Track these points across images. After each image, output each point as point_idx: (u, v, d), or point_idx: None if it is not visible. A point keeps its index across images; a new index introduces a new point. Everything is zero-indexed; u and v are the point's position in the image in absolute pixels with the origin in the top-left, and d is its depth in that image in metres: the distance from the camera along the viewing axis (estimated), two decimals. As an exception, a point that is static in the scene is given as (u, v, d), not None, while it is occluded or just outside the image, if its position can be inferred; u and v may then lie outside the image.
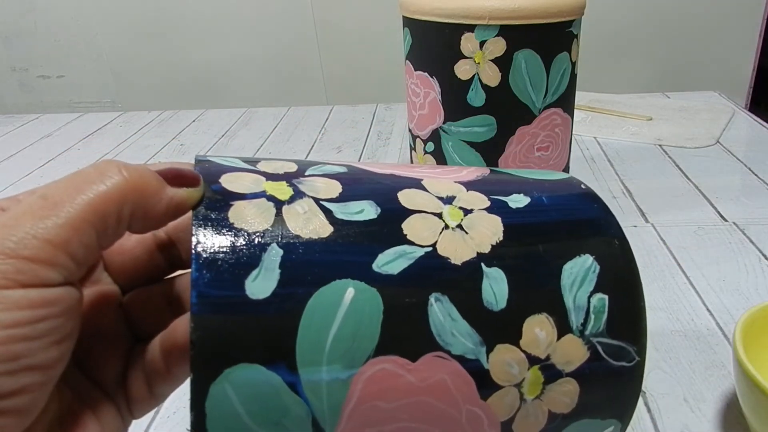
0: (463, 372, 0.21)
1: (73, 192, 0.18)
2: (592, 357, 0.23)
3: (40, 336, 0.17)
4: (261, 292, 0.20)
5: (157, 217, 0.20)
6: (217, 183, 0.22)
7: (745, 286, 0.48)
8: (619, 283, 0.24)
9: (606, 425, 0.24)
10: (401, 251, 0.22)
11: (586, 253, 0.24)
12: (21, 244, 0.17)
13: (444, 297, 0.21)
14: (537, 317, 0.22)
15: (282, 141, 0.85)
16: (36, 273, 0.17)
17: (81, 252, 0.18)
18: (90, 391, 0.22)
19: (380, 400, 0.21)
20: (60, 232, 0.18)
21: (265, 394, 0.19)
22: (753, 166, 0.69)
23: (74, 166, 0.80)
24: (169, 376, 0.22)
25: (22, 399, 0.17)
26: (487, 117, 0.52)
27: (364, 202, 0.23)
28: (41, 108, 1.45)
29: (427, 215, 0.23)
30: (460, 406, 0.22)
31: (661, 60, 1.30)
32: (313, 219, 0.22)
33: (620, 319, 0.24)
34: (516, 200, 0.25)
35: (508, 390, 0.22)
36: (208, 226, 0.20)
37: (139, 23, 1.35)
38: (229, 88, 1.39)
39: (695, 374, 0.39)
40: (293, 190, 0.22)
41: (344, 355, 0.20)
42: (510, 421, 0.22)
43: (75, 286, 0.19)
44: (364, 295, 0.21)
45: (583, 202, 0.26)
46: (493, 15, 0.49)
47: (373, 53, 1.32)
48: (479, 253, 0.23)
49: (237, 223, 0.20)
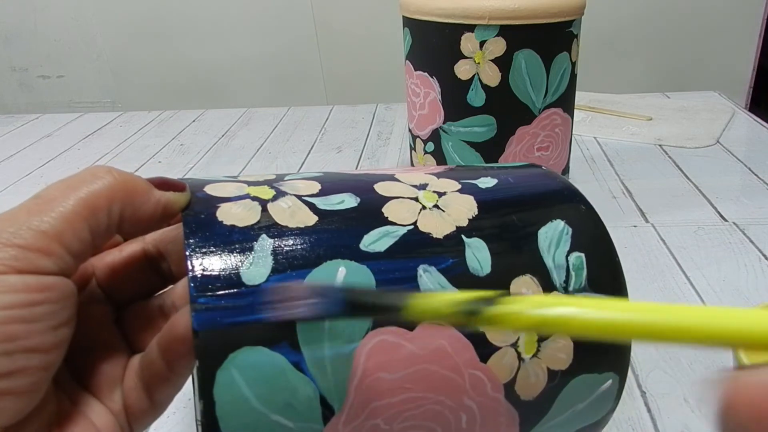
0: (460, 336, 0.22)
1: (66, 190, 0.20)
2: None
3: (36, 319, 0.18)
4: (256, 278, 0.21)
5: (146, 216, 0.21)
6: (201, 191, 0.23)
7: (745, 286, 0.48)
8: (592, 242, 0.26)
9: (604, 379, 0.25)
10: (385, 231, 0.23)
11: (557, 218, 0.26)
12: (17, 234, 0.18)
13: (431, 268, 0.23)
14: (522, 278, 0.24)
15: (282, 141, 0.85)
16: (32, 260, 0.18)
17: (75, 244, 0.19)
18: (87, 402, 0.22)
19: (384, 371, 0.21)
20: (54, 224, 0.19)
21: (271, 375, 0.20)
22: (753, 166, 0.69)
23: (74, 166, 0.80)
24: (171, 375, 0.22)
25: (20, 380, 0.18)
26: (487, 117, 0.52)
27: (343, 195, 0.24)
28: (41, 108, 1.45)
29: (404, 200, 0.25)
30: (462, 370, 0.22)
31: (661, 60, 1.30)
32: (297, 212, 0.23)
33: (600, 274, 0.25)
34: (485, 182, 0.27)
35: (505, 350, 0.23)
36: (198, 224, 0.21)
37: (139, 23, 1.35)
38: (229, 88, 1.39)
39: (695, 374, 0.39)
40: (275, 191, 0.24)
41: (344, 329, 0.21)
42: (512, 383, 0.23)
43: (70, 278, 0.19)
44: (356, 271, 0.22)
45: (546, 178, 0.29)
46: (493, 15, 0.49)
47: (373, 53, 1.32)
48: (458, 226, 0.24)
49: (226, 220, 0.22)
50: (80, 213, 0.19)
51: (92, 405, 0.22)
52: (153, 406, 0.23)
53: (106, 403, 0.22)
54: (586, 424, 0.26)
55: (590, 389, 0.25)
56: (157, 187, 0.22)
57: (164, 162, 0.80)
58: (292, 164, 0.76)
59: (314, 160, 0.77)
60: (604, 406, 0.26)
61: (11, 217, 0.19)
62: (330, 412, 0.21)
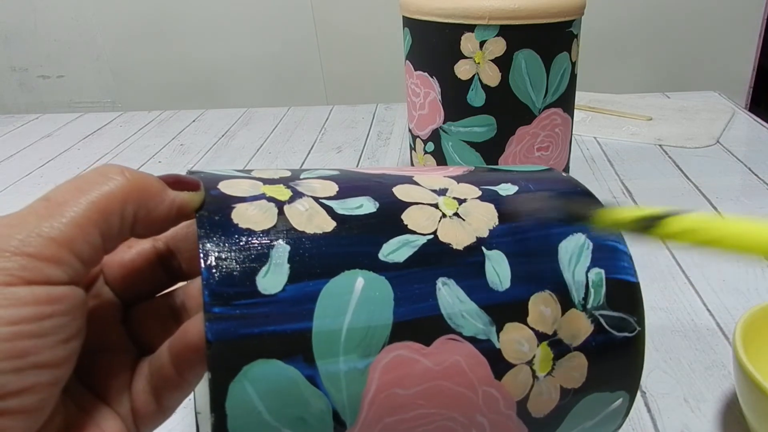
0: (476, 353, 0.22)
1: (77, 193, 0.19)
2: (597, 330, 0.24)
3: (46, 334, 0.17)
4: (273, 287, 0.20)
5: (160, 218, 0.20)
6: (215, 189, 0.22)
7: (745, 286, 0.48)
8: (612, 259, 0.25)
9: (615, 398, 0.25)
10: (404, 240, 0.22)
11: (578, 232, 0.25)
12: (25, 242, 0.17)
13: (450, 281, 0.22)
14: (541, 295, 0.23)
15: (282, 141, 0.85)
16: (41, 270, 0.17)
17: (86, 251, 0.18)
18: (95, 406, 0.21)
19: (398, 387, 0.21)
20: (64, 231, 0.18)
21: (284, 389, 0.19)
22: (753, 166, 0.69)
23: (74, 166, 0.80)
24: (181, 382, 0.22)
25: (30, 398, 0.17)
26: (487, 117, 0.52)
27: (361, 198, 0.23)
28: (41, 108, 1.45)
29: (423, 206, 0.24)
30: (476, 387, 0.22)
31: (661, 60, 1.30)
32: (315, 216, 0.22)
33: (618, 291, 0.25)
34: (505, 189, 0.27)
35: (520, 368, 0.23)
36: (213, 227, 0.20)
37: (139, 23, 1.35)
38: (229, 88, 1.39)
39: (695, 374, 0.39)
40: (292, 191, 0.23)
41: (360, 343, 0.20)
42: (525, 400, 0.23)
43: (80, 286, 0.19)
44: (374, 283, 0.21)
45: (567, 186, 0.28)
46: (493, 15, 0.49)
47: (373, 53, 1.32)
48: (478, 237, 0.23)
49: (241, 224, 0.21)
50: (91, 218, 0.18)
51: (100, 409, 0.21)
52: (161, 410, 0.22)
53: (113, 407, 0.22)
54: None
55: (601, 407, 0.25)
56: (170, 186, 0.21)
57: (164, 162, 0.80)
58: (292, 164, 0.76)
59: (314, 160, 0.77)
60: (612, 423, 0.26)
61: (20, 222, 0.18)
62: (342, 427, 0.20)
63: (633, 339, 0.24)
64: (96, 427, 0.21)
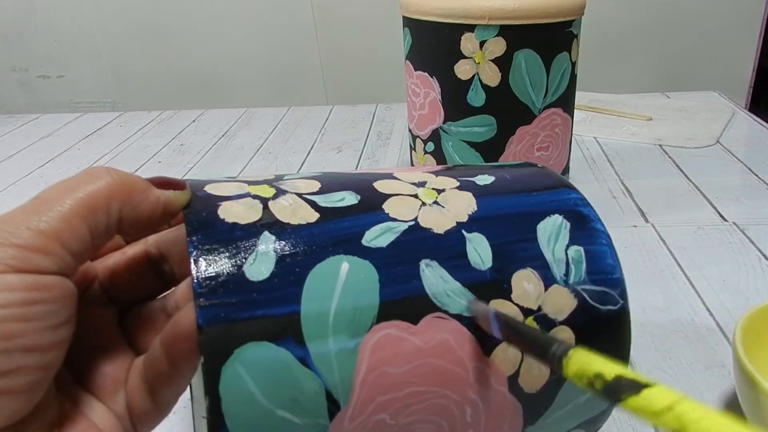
0: (463, 329, 0.22)
1: (65, 191, 0.20)
2: (580, 304, 0.24)
3: (34, 318, 0.18)
4: (260, 274, 0.21)
5: (145, 215, 0.21)
6: (202, 191, 0.23)
7: (745, 286, 0.48)
8: (589, 236, 0.26)
9: None
10: (386, 227, 0.23)
11: (555, 214, 0.26)
12: (15, 234, 0.18)
13: (433, 262, 0.23)
14: (523, 272, 0.24)
15: (282, 141, 0.85)
16: (30, 260, 0.18)
17: (74, 244, 0.19)
18: (90, 404, 0.22)
19: (389, 365, 0.21)
20: (52, 224, 0.19)
21: (276, 370, 0.20)
22: (753, 166, 0.69)
23: (74, 166, 0.79)
24: (174, 374, 0.22)
25: (17, 380, 0.18)
26: (487, 117, 0.52)
27: (343, 192, 0.25)
28: (41, 108, 1.45)
29: (404, 197, 0.25)
30: (465, 363, 0.23)
31: (661, 60, 1.30)
32: (299, 209, 0.23)
33: (598, 267, 0.25)
34: (482, 179, 0.28)
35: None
36: (200, 222, 0.21)
37: (139, 23, 1.35)
38: (229, 88, 1.39)
39: (695, 374, 0.39)
40: (276, 190, 0.24)
41: (348, 324, 0.21)
42: (516, 375, 0.23)
43: (70, 279, 0.19)
44: (359, 267, 0.22)
45: (543, 175, 0.29)
46: (493, 15, 0.49)
47: (373, 53, 1.32)
48: (458, 222, 0.24)
49: (227, 218, 0.22)
50: (79, 213, 0.19)
51: (95, 407, 0.22)
52: (156, 407, 0.23)
53: (109, 405, 0.22)
54: (587, 417, 0.26)
55: None
56: (156, 186, 0.22)
57: (164, 162, 0.80)
58: (292, 164, 0.76)
59: (314, 160, 0.77)
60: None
61: (10, 218, 0.19)
62: (336, 407, 0.21)
63: (617, 312, 0.25)
64: (90, 423, 0.21)
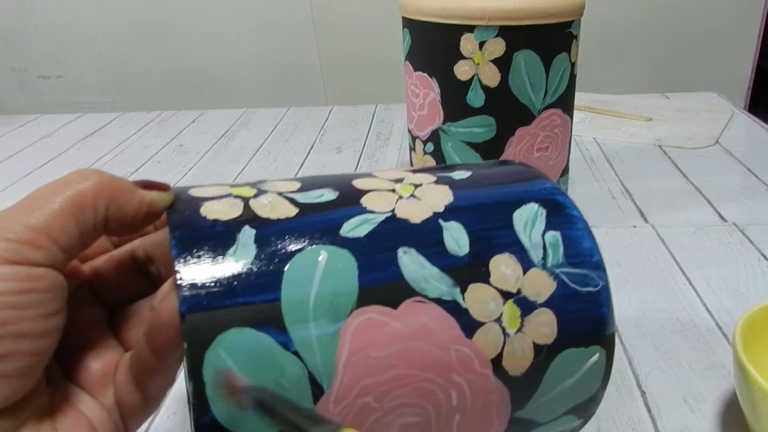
0: (444, 313, 0.23)
1: (55, 190, 0.21)
2: (560, 286, 0.25)
3: (25, 306, 0.19)
4: (240, 264, 0.21)
5: (130, 214, 0.22)
6: (186, 193, 0.24)
7: (744, 286, 0.48)
8: (566, 222, 0.26)
9: (590, 353, 0.25)
10: (364, 218, 0.24)
11: (531, 201, 0.27)
12: (6, 228, 0.20)
13: (411, 249, 0.23)
14: (500, 257, 0.24)
15: (282, 141, 0.85)
16: (21, 252, 0.19)
17: (63, 238, 0.20)
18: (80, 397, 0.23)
19: (370, 349, 0.22)
20: (42, 219, 0.20)
21: (259, 355, 0.21)
22: (752, 166, 0.69)
23: (74, 167, 0.79)
24: (159, 365, 0.23)
25: (10, 364, 0.19)
26: (487, 117, 0.52)
27: (322, 189, 0.25)
28: (41, 108, 1.45)
29: (381, 192, 0.26)
30: (448, 346, 0.23)
31: (661, 61, 1.30)
32: (278, 205, 0.24)
33: (576, 250, 0.26)
34: (459, 174, 0.28)
35: (489, 326, 0.24)
36: (182, 218, 0.22)
37: (139, 23, 1.35)
38: (229, 89, 1.39)
39: (695, 374, 0.39)
40: (257, 190, 0.25)
41: (328, 309, 0.22)
42: (499, 358, 0.24)
43: (60, 272, 0.21)
44: (337, 255, 0.22)
45: (519, 168, 0.30)
46: (492, 16, 0.49)
47: (373, 53, 1.32)
48: (435, 212, 0.25)
49: (209, 215, 0.23)
50: (67, 209, 0.20)
51: (84, 400, 0.23)
52: (145, 400, 0.23)
53: (98, 399, 0.23)
54: (578, 401, 0.26)
55: (577, 364, 0.25)
56: (141, 188, 0.23)
57: (164, 162, 0.80)
58: (292, 164, 0.76)
59: (314, 161, 0.77)
60: (594, 382, 0.26)
61: (2, 216, 0.20)
62: (319, 390, 0.21)
63: (598, 293, 0.25)
64: (79, 413, 0.22)
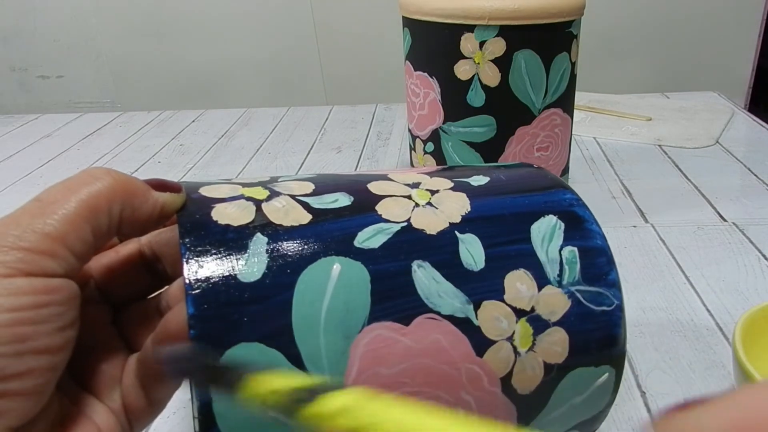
0: (456, 330, 0.22)
1: (67, 193, 0.20)
2: (574, 304, 0.24)
3: (44, 321, 0.18)
4: (251, 275, 0.21)
5: (144, 217, 0.22)
6: (196, 193, 0.23)
7: (744, 286, 0.48)
8: (584, 237, 0.26)
9: (600, 373, 0.25)
10: (379, 228, 0.23)
11: (549, 214, 0.26)
12: (21, 237, 0.18)
13: (425, 263, 0.23)
14: (516, 273, 0.24)
15: (282, 141, 0.85)
16: (38, 263, 0.18)
17: (78, 246, 0.19)
18: (88, 402, 0.22)
19: (381, 366, 0.21)
20: (57, 227, 0.19)
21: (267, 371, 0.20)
22: (752, 166, 0.69)
23: (74, 166, 0.79)
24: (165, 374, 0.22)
25: (29, 381, 0.18)
26: (487, 117, 0.52)
27: (337, 194, 0.25)
28: (40, 108, 1.45)
29: (397, 198, 0.25)
30: (458, 364, 0.22)
31: (661, 60, 1.30)
32: (291, 210, 0.23)
33: (593, 268, 0.25)
34: (477, 180, 0.27)
35: (501, 344, 0.23)
36: (193, 224, 0.22)
37: (139, 23, 1.35)
38: (229, 89, 1.39)
39: (695, 374, 0.39)
40: (269, 191, 0.24)
41: (339, 325, 0.21)
42: (509, 376, 0.23)
43: (74, 280, 0.20)
44: (351, 267, 0.22)
45: (538, 175, 0.29)
46: (492, 15, 0.49)
47: (373, 53, 1.32)
48: (451, 223, 0.24)
49: (220, 220, 0.22)
50: (82, 215, 0.20)
51: (93, 405, 0.22)
52: (151, 404, 0.23)
53: (105, 403, 0.23)
54: (584, 418, 0.26)
55: (587, 383, 0.25)
56: (153, 189, 0.22)
57: (164, 162, 0.79)
58: (292, 164, 0.76)
59: (314, 161, 0.77)
60: (602, 400, 0.26)
61: (14, 221, 0.19)
62: None
63: (612, 312, 0.25)
64: (90, 422, 0.21)
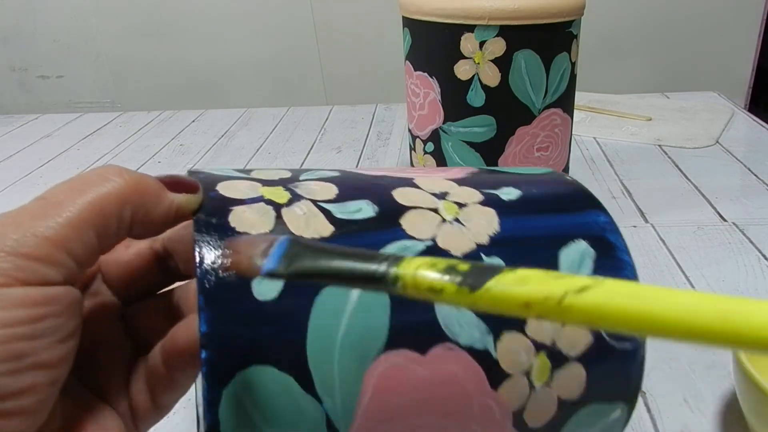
0: (473, 363, 0.21)
1: (73, 193, 0.18)
2: (596, 340, 0.23)
3: (42, 335, 0.17)
4: (268, 293, 0.20)
5: (157, 219, 0.20)
6: (213, 191, 0.22)
7: (744, 286, 0.48)
8: (614, 267, 0.24)
9: (613, 409, 0.24)
10: (402, 246, 0.22)
11: (580, 238, 0.24)
12: (21, 242, 0.17)
13: None
14: None
15: (282, 141, 0.85)
16: (36, 271, 0.17)
17: (81, 251, 0.18)
18: (94, 404, 0.21)
19: (393, 395, 0.21)
20: (59, 231, 0.18)
21: (278, 395, 0.19)
22: (752, 166, 0.69)
23: (74, 166, 0.79)
24: (172, 384, 0.22)
25: (29, 399, 0.17)
26: (487, 117, 0.52)
27: (361, 202, 0.23)
28: (40, 108, 1.45)
29: (423, 210, 0.23)
30: (472, 398, 0.22)
31: (661, 60, 1.30)
32: (312, 220, 0.22)
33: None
34: (507, 193, 0.26)
35: (517, 378, 0.22)
36: (209, 231, 0.20)
37: (139, 23, 1.35)
38: (229, 89, 1.39)
39: (695, 374, 0.39)
40: (290, 194, 0.23)
41: (355, 351, 0.20)
42: (521, 410, 0.22)
43: (75, 286, 0.19)
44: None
45: (572, 192, 0.27)
46: (492, 15, 0.49)
47: (373, 53, 1.32)
48: (478, 244, 0.23)
49: (238, 227, 0.20)
50: (88, 218, 0.18)
51: (99, 407, 0.21)
52: (157, 408, 0.23)
53: (112, 405, 0.22)
54: None
55: (598, 419, 0.24)
56: (169, 188, 0.20)
57: (164, 162, 0.79)
58: (292, 164, 0.76)
59: (314, 161, 0.77)
60: None
61: (14, 221, 0.17)
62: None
63: (633, 351, 0.24)
64: (96, 424, 0.21)
